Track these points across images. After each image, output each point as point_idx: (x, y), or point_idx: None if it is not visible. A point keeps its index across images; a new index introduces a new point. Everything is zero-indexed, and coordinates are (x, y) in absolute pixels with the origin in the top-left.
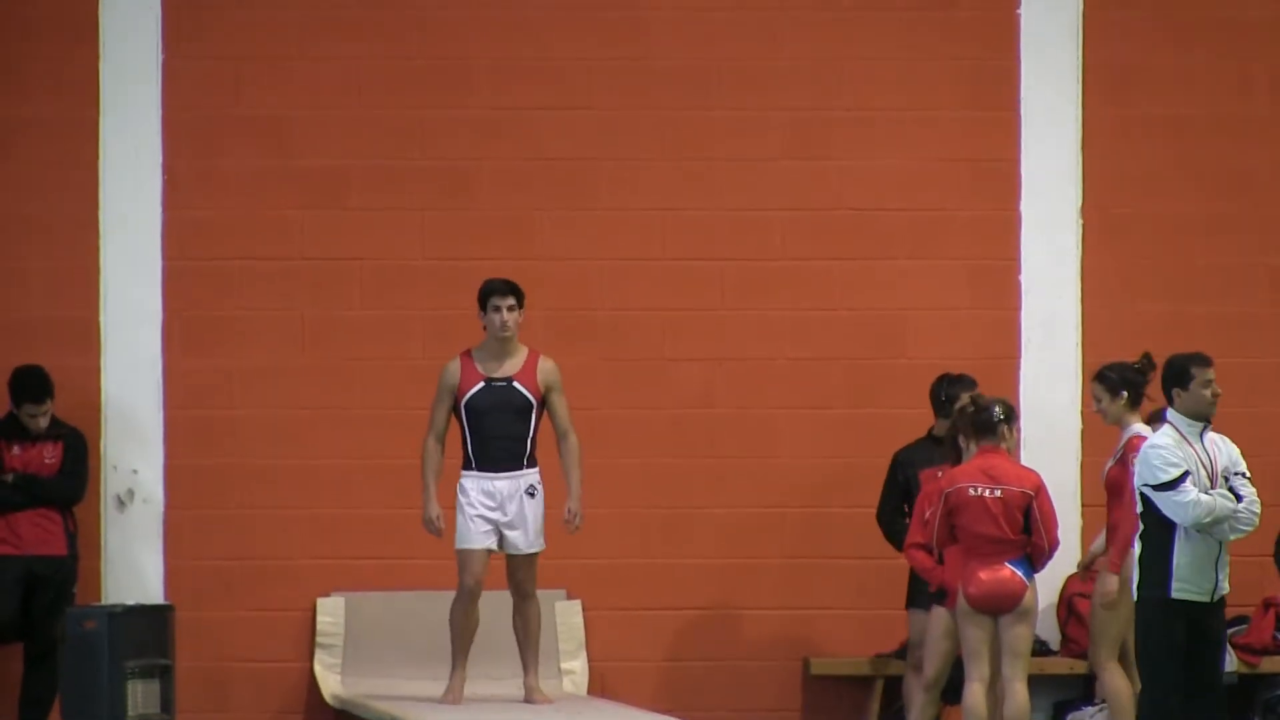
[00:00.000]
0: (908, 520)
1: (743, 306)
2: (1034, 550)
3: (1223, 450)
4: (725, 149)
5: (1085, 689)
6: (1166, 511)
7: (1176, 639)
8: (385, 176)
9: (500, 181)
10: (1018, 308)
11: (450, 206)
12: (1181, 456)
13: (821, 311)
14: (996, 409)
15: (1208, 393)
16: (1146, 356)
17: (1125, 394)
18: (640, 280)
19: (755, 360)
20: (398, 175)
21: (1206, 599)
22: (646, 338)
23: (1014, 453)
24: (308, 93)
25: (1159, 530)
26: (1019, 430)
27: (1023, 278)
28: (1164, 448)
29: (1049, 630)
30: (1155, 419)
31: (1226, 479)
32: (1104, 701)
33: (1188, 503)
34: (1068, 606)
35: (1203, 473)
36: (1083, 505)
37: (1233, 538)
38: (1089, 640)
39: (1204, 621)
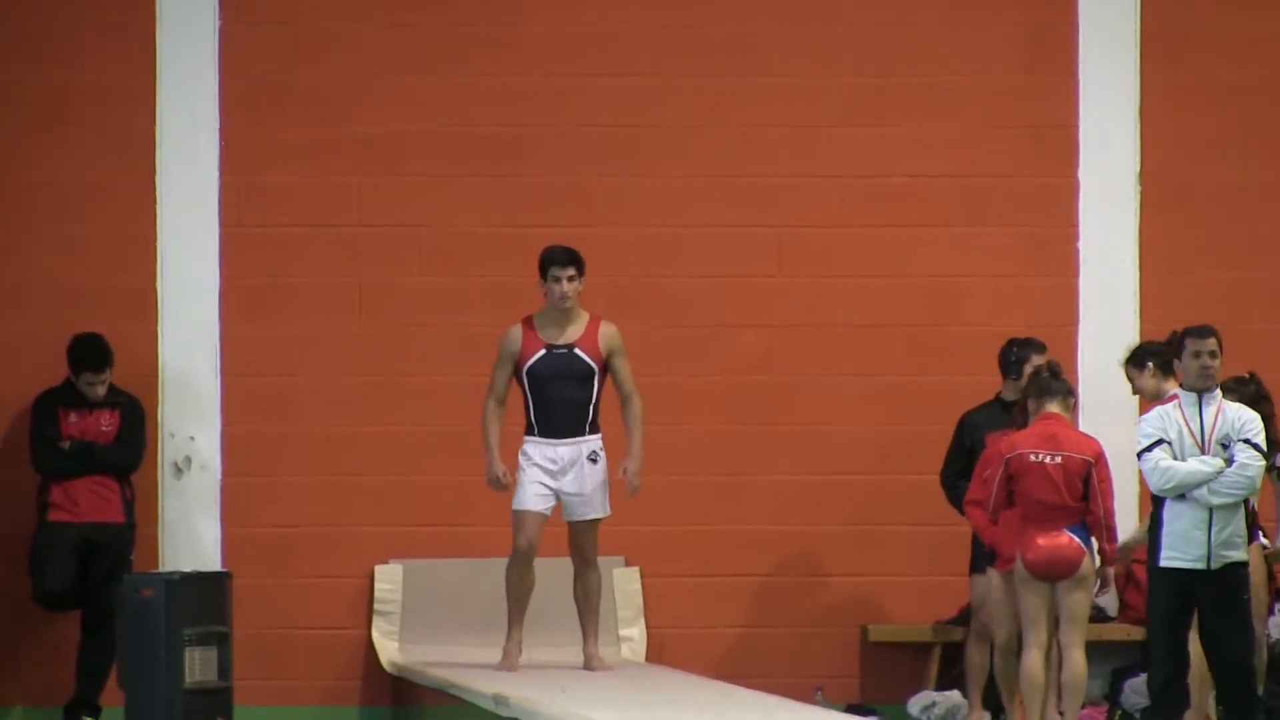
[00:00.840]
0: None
1: (800, 274)
2: (1090, 519)
3: (1228, 418)
4: (783, 116)
5: (1143, 655)
6: (1145, 478)
7: (1166, 607)
8: (443, 144)
9: (558, 149)
10: (1075, 275)
11: (508, 174)
12: (1161, 426)
13: (879, 278)
14: (1067, 381)
15: (1196, 363)
16: (1174, 332)
17: (1150, 364)
18: (698, 247)
19: (813, 327)
20: (455, 142)
21: (1201, 566)
22: (704, 305)
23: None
24: (365, 60)
25: (1156, 500)
26: (1076, 403)
27: (1080, 245)
28: (1146, 419)
29: (1108, 597)
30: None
31: (1225, 445)
32: None
33: (1149, 469)
34: (1126, 573)
35: (1188, 440)
36: (1140, 473)
37: (1217, 502)
38: None
39: (1202, 589)
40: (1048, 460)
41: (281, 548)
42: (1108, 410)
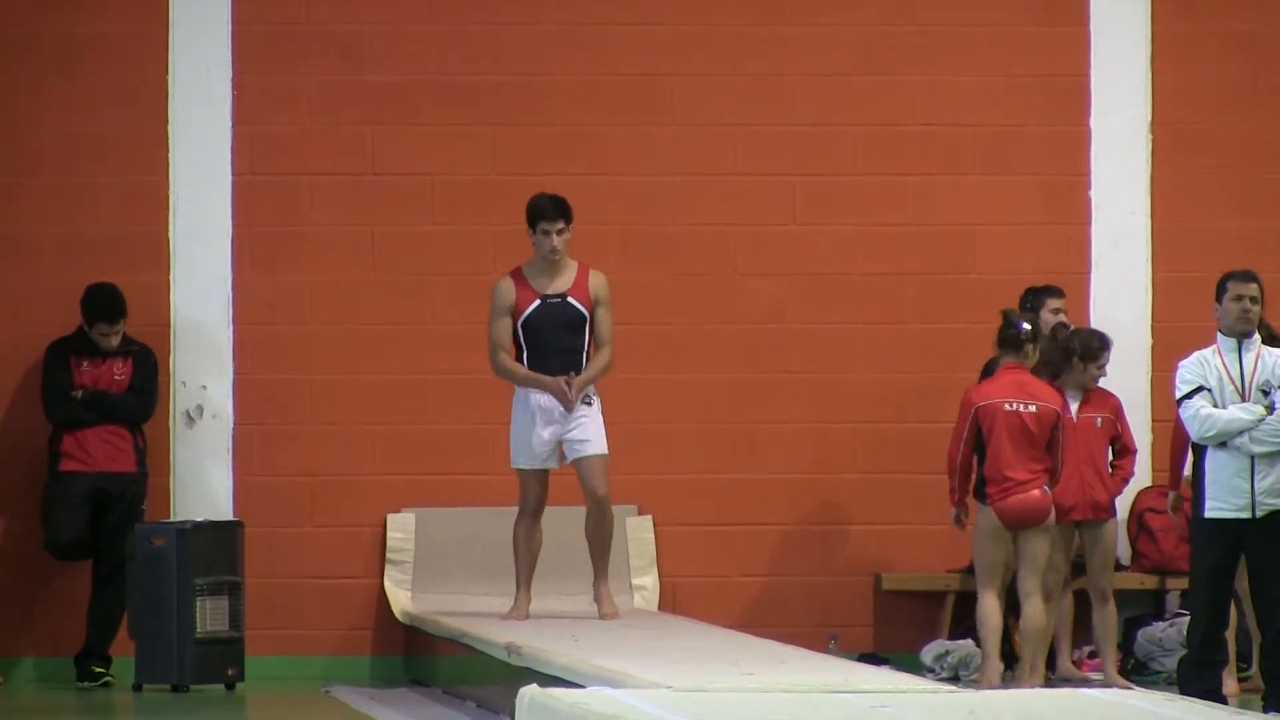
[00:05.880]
0: None
1: (814, 222)
2: (1051, 473)
3: (1267, 364)
4: (797, 64)
5: (1156, 605)
6: (1185, 426)
7: (1212, 559)
8: (456, 92)
9: (572, 97)
10: (1088, 223)
11: (522, 122)
12: (1201, 372)
13: (893, 227)
14: (1025, 326)
15: (1236, 306)
16: None
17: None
18: (712, 196)
19: (827, 275)
20: (469, 90)
21: (1245, 515)
22: (719, 253)
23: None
24: (379, 7)
25: (1198, 449)
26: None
27: (1093, 193)
28: (1184, 365)
29: (1120, 546)
30: None
31: (1266, 392)
32: (1175, 617)
33: (1189, 417)
34: (1139, 522)
35: (1228, 387)
36: (1153, 420)
37: (1258, 450)
38: None
39: (1249, 538)
40: (1021, 409)
41: (293, 497)
42: (1121, 357)
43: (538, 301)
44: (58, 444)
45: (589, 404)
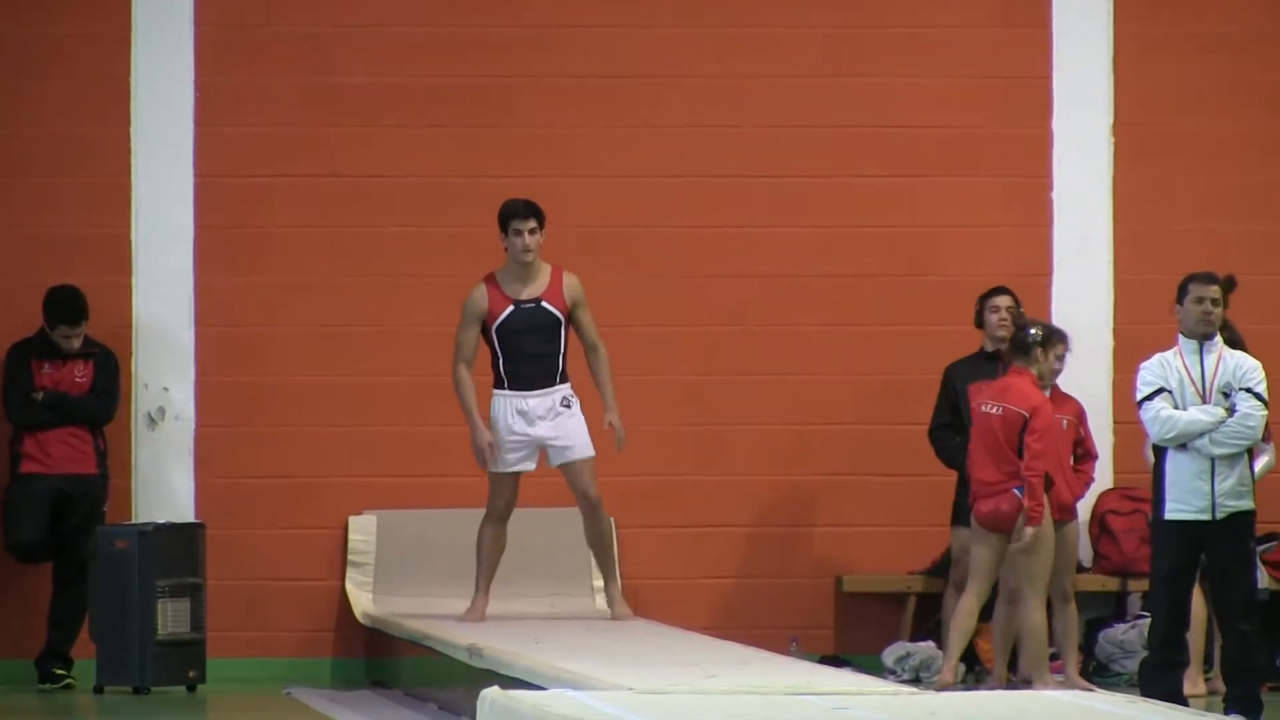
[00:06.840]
0: (958, 437)
1: (777, 223)
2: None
3: (1228, 366)
4: (760, 66)
5: (1118, 606)
6: (1145, 428)
7: (1171, 561)
8: (419, 94)
9: (536, 99)
10: (1050, 225)
11: (486, 124)
12: (1161, 374)
13: (855, 228)
14: (1032, 331)
15: (1198, 308)
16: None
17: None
18: (675, 197)
19: (789, 277)
20: (432, 92)
21: (1205, 517)
22: (681, 255)
23: (1046, 378)
24: (342, 8)
25: (1158, 451)
26: (1066, 347)
27: (1055, 195)
28: (1146, 366)
29: (1082, 547)
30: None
31: (1227, 394)
32: (1136, 618)
33: (1149, 418)
34: (1100, 524)
35: (1190, 389)
36: (1114, 422)
37: (1218, 452)
38: None
39: (1209, 540)
40: (994, 411)
41: (255, 499)
42: (1083, 359)
43: (511, 307)
44: (18, 445)
45: (568, 407)
